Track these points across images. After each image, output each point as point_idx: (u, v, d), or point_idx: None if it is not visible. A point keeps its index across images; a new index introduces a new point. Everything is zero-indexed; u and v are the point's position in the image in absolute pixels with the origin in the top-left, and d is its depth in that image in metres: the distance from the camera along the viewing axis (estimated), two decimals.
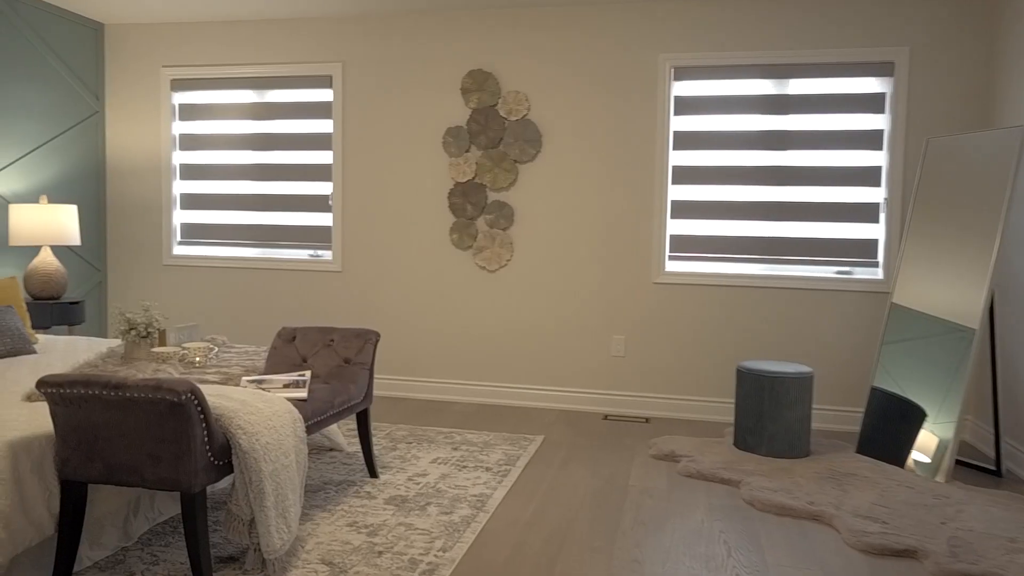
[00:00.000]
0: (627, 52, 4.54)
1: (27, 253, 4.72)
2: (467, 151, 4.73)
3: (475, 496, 3.08)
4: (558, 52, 4.62)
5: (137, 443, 2.12)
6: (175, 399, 2.04)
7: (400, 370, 4.95)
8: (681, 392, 4.57)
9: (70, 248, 5.05)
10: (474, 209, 4.74)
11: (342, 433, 3.96)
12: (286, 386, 2.81)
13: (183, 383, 2.06)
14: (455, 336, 4.86)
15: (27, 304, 4.33)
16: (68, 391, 2.11)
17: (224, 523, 2.30)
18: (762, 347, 4.46)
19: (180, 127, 5.23)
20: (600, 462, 3.65)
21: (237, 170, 5.13)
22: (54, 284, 4.47)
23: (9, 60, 4.52)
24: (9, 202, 4.55)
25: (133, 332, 3.20)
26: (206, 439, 2.14)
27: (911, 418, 3.59)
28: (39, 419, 2.32)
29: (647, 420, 4.49)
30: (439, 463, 3.51)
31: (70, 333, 4.71)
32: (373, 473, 3.28)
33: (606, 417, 4.54)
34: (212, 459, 2.17)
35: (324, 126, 4.98)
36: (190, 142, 5.22)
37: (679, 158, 4.53)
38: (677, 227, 4.56)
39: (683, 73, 4.49)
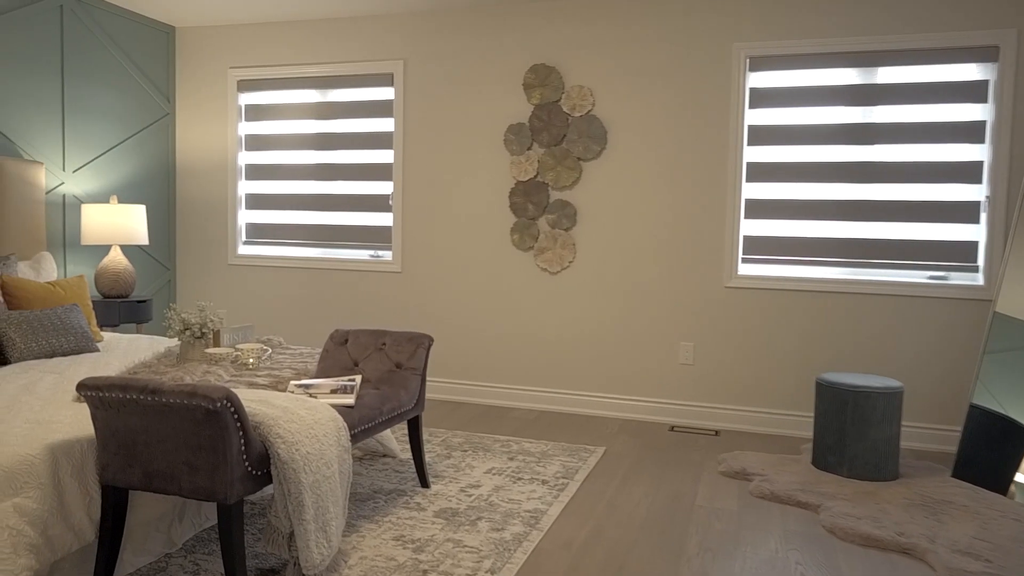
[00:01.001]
0: (698, 42, 4.28)
1: (99, 252, 4.83)
2: (529, 149, 4.57)
3: (529, 512, 2.92)
4: (625, 44, 4.40)
5: (174, 451, 2.05)
6: (210, 406, 1.96)
7: (459, 374, 4.83)
8: (754, 404, 4.28)
9: (141, 247, 5.15)
10: (536, 209, 4.58)
11: (396, 438, 3.86)
12: (333, 391, 2.71)
13: (218, 390, 1.97)
14: (515, 340, 4.71)
15: (97, 302, 4.41)
16: (107, 395, 2.06)
17: (264, 535, 2.21)
18: (845, 358, 4.12)
19: (246, 128, 5.27)
20: (664, 478, 3.42)
21: (300, 170, 5.13)
22: (122, 282, 4.55)
23: (86, 65, 4.63)
24: (83, 202, 4.66)
25: (187, 332, 3.17)
26: (243, 448, 2.05)
27: (1015, 439, 3.22)
28: (84, 421, 2.29)
29: (716, 433, 4.23)
30: (494, 474, 3.36)
31: (138, 331, 4.79)
32: (424, 483, 3.15)
33: (672, 428, 4.30)
34: (249, 469, 2.08)
35: (385, 125, 4.92)
36: (255, 142, 5.25)
37: (754, 154, 4.25)
38: (751, 227, 4.27)
39: (759, 63, 4.20)
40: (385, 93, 4.91)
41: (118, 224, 4.50)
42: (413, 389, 3.03)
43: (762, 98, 4.22)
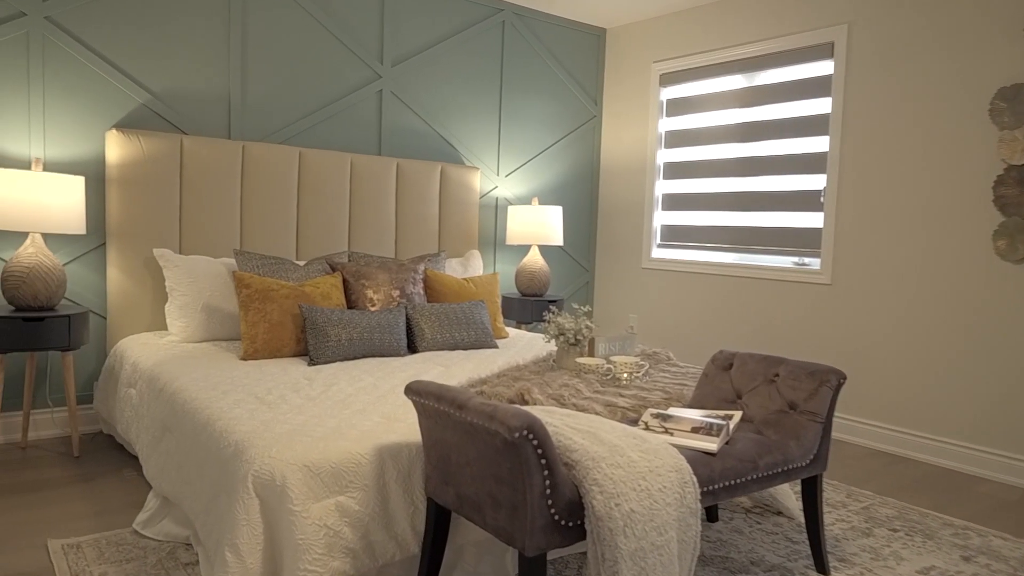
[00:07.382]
0: None
1: (523, 251, 5.07)
2: None
3: None
4: None
5: (480, 477, 1.77)
6: (507, 436, 1.62)
7: (901, 420, 3.72)
8: None
9: (562, 248, 5.26)
10: None
11: (795, 494, 3.07)
12: (695, 430, 2.16)
13: (520, 417, 1.62)
14: (992, 384, 3.41)
15: (515, 299, 4.60)
16: (426, 402, 1.89)
17: None
18: None
19: (666, 124, 4.96)
20: None
21: (719, 166, 4.61)
22: (537, 281, 4.67)
23: (521, 74, 4.89)
24: (511, 204, 4.93)
25: (562, 338, 2.97)
26: (548, 491, 1.67)
27: None
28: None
29: None
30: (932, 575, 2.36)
31: None
32: (821, 566, 2.36)
33: None
34: (556, 518, 1.69)
35: (820, 106, 4.07)
36: (674, 139, 4.90)
37: None
38: None
39: None
40: (822, 68, 4.05)
41: (536, 225, 4.62)
42: (809, 440, 2.28)
43: None
